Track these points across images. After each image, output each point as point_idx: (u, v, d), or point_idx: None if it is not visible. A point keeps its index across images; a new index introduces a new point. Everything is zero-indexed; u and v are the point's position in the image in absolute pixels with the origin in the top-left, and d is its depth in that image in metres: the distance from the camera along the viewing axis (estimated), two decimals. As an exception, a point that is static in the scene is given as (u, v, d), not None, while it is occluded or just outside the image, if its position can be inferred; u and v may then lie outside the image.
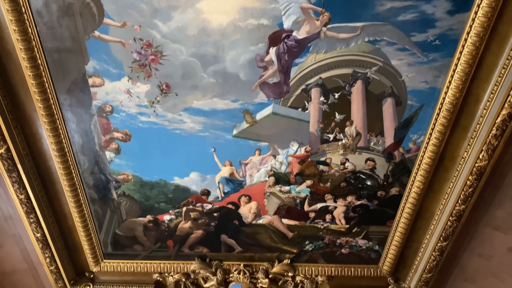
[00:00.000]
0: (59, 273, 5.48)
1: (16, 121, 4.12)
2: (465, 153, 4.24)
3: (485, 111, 3.86)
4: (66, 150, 4.43)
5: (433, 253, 5.14)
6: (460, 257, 5.20)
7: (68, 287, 5.73)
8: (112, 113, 4.29)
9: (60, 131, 4.27)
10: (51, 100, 4.02)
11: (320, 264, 5.79)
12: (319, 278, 5.83)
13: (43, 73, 3.81)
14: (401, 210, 4.99)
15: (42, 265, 5.33)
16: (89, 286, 5.81)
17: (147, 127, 4.37)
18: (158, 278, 5.84)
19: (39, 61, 3.73)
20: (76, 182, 4.73)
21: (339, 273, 5.78)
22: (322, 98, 4.20)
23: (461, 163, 4.35)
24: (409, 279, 5.71)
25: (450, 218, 4.72)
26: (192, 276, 5.86)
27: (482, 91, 3.82)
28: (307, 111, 4.32)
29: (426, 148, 4.34)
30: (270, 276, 5.81)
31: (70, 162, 4.54)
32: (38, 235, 4.95)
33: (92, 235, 5.30)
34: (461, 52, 3.60)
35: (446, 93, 3.89)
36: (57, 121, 4.18)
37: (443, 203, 4.75)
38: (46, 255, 5.19)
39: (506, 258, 4.88)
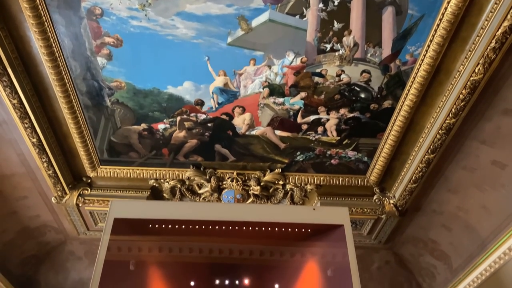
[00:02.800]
0: (57, 178, 5.64)
1: (2, 22, 3.96)
2: (461, 66, 4.22)
3: (486, 22, 3.77)
4: (57, 54, 4.32)
5: (420, 165, 5.32)
6: (445, 169, 5.40)
7: (67, 191, 5.94)
8: (102, 16, 4.12)
9: (49, 34, 4.13)
10: (37, 0, 3.83)
11: (309, 173, 6.00)
12: (308, 187, 6.08)
13: (26, -31, 3.59)
14: (392, 123, 5.08)
15: (40, 169, 5.47)
16: (87, 190, 6.02)
17: (138, 32, 4.23)
18: (154, 184, 6.05)
19: (21, -45, 3.49)
20: (69, 88, 4.69)
21: (328, 182, 6.02)
22: (321, 5, 4.04)
23: (456, 76, 4.34)
24: (394, 189, 5.98)
25: (440, 131, 4.83)
26: (187, 183, 6.08)
27: (486, 1, 3.69)
28: (304, 19, 4.18)
29: (422, 60, 4.30)
30: (261, 184, 6.05)
31: (62, 68, 4.46)
32: (34, 140, 5.01)
33: (88, 141, 5.37)
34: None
35: (448, 2, 3.76)
36: (45, 23, 4.02)
37: (434, 116, 4.82)
38: (43, 160, 5.30)
39: (489, 171, 5.08)
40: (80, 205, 6.09)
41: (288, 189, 6.14)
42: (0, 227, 6.03)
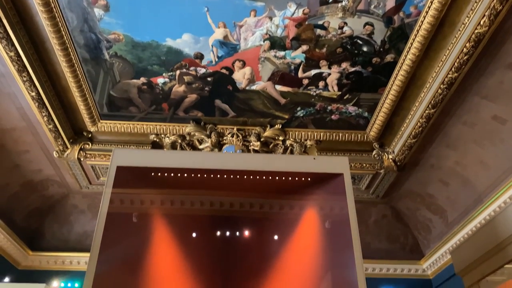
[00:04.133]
0: (58, 132, 5.66)
1: (-6, -29, 3.84)
2: (467, 18, 4.13)
3: (494, -29, 3.66)
4: (52, 5, 4.20)
5: (420, 120, 5.33)
6: (445, 124, 5.40)
7: (68, 145, 5.97)
8: (98, -36, 3.99)
9: (44, -18, 4.01)
10: None
11: (309, 129, 6.02)
12: (308, 142, 6.11)
13: None
14: (394, 77, 5.03)
15: (40, 123, 5.47)
16: (88, 144, 6.05)
17: (136, -19, 4.11)
18: (154, 139, 6.07)
19: None
20: (66, 41, 4.60)
21: (327, 137, 6.05)
22: (324, -47, 3.90)
23: (460, 29, 4.26)
24: (393, 144, 6.02)
25: (441, 86, 4.80)
26: (187, 138, 6.10)
27: None
28: (307, -32, 4.05)
29: (427, 12, 4.20)
30: (262, 139, 6.08)
31: (58, 19, 4.35)
32: (33, 93, 4.98)
33: (87, 95, 5.34)
34: None
35: (457, -50, 3.64)
36: (39, -29, 3.90)
37: (436, 71, 4.77)
38: (43, 114, 5.28)
39: (488, 126, 5.09)
40: (82, 159, 6.14)
41: (288, 145, 6.17)
42: (3, 181, 6.11)
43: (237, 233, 4.51)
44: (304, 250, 3.71)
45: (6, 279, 6.28)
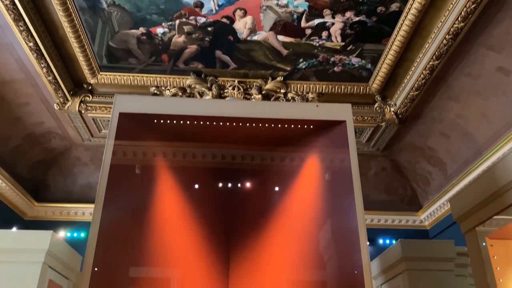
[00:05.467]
0: (58, 84, 5.61)
1: None
2: (476, -36, 3.99)
3: None
4: (46, -51, 4.05)
5: (424, 71, 5.26)
6: (449, 76, 5.34)
7: (68, 98, 5.94)
8: None
9: None
10: None
11: (312, 81, 5.96)
12: (310, 95, 6.07)
13: None
14: (398, 27, 4.92)
15: (39, 75, 5.41)
16: (88, 97, 6.02)
17: None
18: (155, 91, 6.03)
19: None
20: (62, -12, 4.47)
21: (329, 90, 6.01)
22: None
23: (468, -24, 4.12)
24: (396, 96, 5.98)
25: (447, 36, 4.70)
26: (188, 91, 6.05)
27: None
28: None
29: (436, -43, 4.06)
30: (263, 92, 6.04)
31: (52, -35, 4.21)
32: (31, 44, 4.89)
33: (86, 46, 5.25)
34: None
35: None
36: None
37: (442, 20, 4.65)
38: (42, 65, 5.22)
39: (493, 77, 5.03)
40: (83, 111, 6.13)
41: (290, 98, 6.13)
42: (6, 132, 6.12)
43: (239, 185, 4.57)
44: (305, 200, 3.77)
45: (14, 229, 6.45)
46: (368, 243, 2.92)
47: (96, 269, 2.88)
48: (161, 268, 3.89)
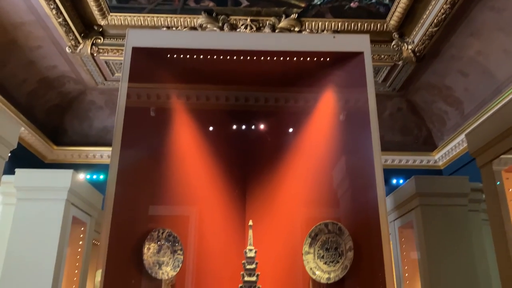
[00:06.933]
0: (68, 26, 5.53)
1: None
2: None
3: None
4: None
5: (444, 6, 5.03)
6: (471, 10, 5.09)
7: (80, 40, 5.88)
8: None
9: None
10: None
11: (327, 18, 5.76)
12: (325, 33, 5.89)
13: None
14: (420, -43, 4.66)
15: (49, 17, 5.32)
16: (100, 39, 5.94)
17: None
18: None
19: None
20: None
21: (345, 27, 5.82)
22: None
23: None
24: (414, 33, 5.77)
25: (471, -34, 4.45)
26: (199, 30, 5.92)
27: None
28: None
29: None
30: (276, 31, 5.87)
31: None
32: (38, -16, 4.78)
33: (94, -15, 5.12)
34: None
35: None
36: None
37: (467, -52, 4.38)
38: (51, 6, 5.12)
39: (518, 11, 4.80)
40: (95, 54, 6.08)
41: (304, 36, 5.97)
42: (21, 76, 6.15)
43: (253, 127, 4.57)
44: (320, 138, 3.77)
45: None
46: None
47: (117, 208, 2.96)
48: (180, 206, 4.01)
